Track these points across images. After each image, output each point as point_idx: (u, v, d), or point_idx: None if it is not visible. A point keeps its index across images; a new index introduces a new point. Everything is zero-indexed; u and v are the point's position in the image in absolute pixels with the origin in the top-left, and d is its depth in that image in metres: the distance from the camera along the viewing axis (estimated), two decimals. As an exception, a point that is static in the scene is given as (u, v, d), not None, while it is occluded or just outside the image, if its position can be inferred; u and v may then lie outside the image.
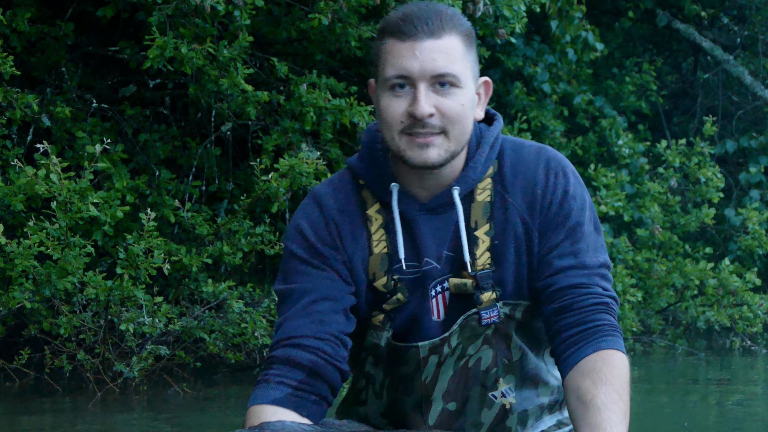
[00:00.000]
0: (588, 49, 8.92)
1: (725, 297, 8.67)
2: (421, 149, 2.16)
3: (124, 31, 7.41)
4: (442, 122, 2.15)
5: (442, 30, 2.12)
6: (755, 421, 6.00)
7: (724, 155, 10.73)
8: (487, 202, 2.25)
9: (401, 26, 2.13)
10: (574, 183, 2.30)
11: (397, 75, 2.14)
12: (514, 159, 2.29)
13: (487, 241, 2.24)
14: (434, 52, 2.11)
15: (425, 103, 2.12)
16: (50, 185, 5.36)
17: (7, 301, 5.48)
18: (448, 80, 2.13)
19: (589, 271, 2.24)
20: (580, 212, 2.28)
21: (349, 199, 2.31)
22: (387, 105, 2.16)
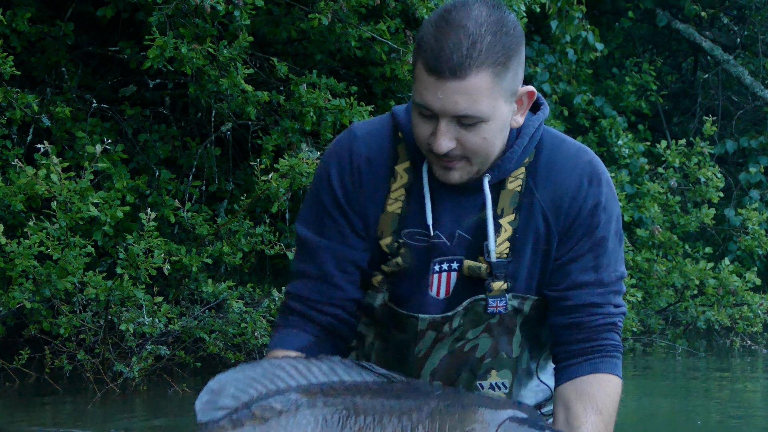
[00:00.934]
0: (588, 49, 8.92)
1: (725, 297, 8.66)
2: (444, 170, 2.17)
3: (124, 31, 7.41)
4: (463, 152, 2.13)
5: (470, 68, 2.02)
6: (756, 421, 6.00)
7: (724, 155, 10.74)
8: (517, 191, 2.23)
9: (430, 58, 2.04)
10: (607, 193, 2.29)
11: (422, 105, 2.10)
12: (551, 154, 2.27)
13: (509, 231, 2.22)
14: (457, 94, 2.04)
15: (443, 140, 2.09)
16: (50, 185, 5.36)
17: (7, 301, 5.48)
18: (470, 121, 2.08)
19: (606, 288, 2.25)
20: (608, 225, 2.27)
21: (382, 149, 2.29)
22: (416, 123, 2.14)
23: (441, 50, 2.03)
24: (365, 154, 2.27)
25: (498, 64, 2.05)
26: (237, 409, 1.95)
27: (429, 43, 2.06)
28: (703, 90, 11.96)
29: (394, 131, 2.29)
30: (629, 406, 6.65)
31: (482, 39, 2.03)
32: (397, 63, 6.92)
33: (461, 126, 2.09)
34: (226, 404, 1.96)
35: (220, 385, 1.98)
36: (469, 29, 2.03)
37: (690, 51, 12.49)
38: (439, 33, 2.05)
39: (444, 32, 2.04)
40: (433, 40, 2.05)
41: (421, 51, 2.08)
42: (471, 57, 2.02)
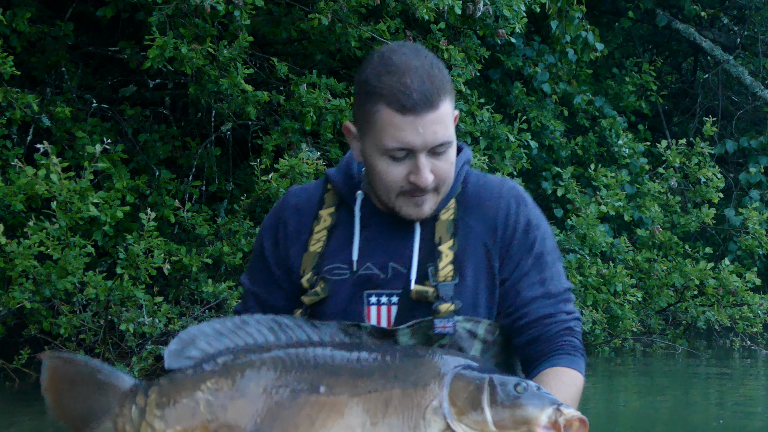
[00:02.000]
0: (588, 49, 8.92)
1: (725, 297, 8.66)
2: (417, 207, 2.25)
3: (124, 31, 7.41)
4: (436, 183, 2.24)
5: (438, 98, 2.15)
6: (756, 421, 6.00)
7: (724, 155, 10.73)
8: (451, 220, 2.33)
9: (400, 99, 2.13)
10: (535, 213, 2.38)
11: (400, 148, 2.19)
12: (477, 186, 2.37)
13: (450, 255, 2.30)
14: (434, 124, 2.16)
15: (427, 173, 2.20)
16: (50, 185, 5.36)
17: (7, 301, 5.48)
18: (444, 148, 2.20)
19: (555, 299, 2.33)
20: (543, 242, 2.36)
21: (311, 198, 2.41)
22: (386, 170, 2.22)
23: (409, 89, 2.13)
24: (294, 203, 2.41)
25: (451, 91, 2.21)
26: (202, 360, 2.06)
27: (391, 88, 2.14)
28: (703, 90, 11.96)
29: (324, 185, 2.42)
30: (629, 405, 6.65)
31: (433, 72, 2.16)
32: (397, 63, 6.91)
33: (434, 156, 2.20)
34: (194, 355, 2.07)
35: (189, 336, 2.08)
36: (420, 67, 2.15)
37: (690, 51, 12.49)
38: (396, 77, 2.14)
39: (400, 75, 2.14)
40: (394, 84, 2.14)
41: (383, 97, 2.15)
42: (435, 88, 2.15)
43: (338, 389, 2.04)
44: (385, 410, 2.04)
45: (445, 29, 7.44)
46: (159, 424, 2.02)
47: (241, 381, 2.04)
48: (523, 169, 8.26)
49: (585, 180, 9.16)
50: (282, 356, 2.07)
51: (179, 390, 2.03)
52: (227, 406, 2.03)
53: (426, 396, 2.05)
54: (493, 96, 9.31)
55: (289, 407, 2.03)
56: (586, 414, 2.04)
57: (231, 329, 2.09)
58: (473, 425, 2.03)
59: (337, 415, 2.03)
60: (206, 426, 2.03)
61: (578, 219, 8.16)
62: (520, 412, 2.03)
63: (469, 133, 7.81)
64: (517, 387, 2.05)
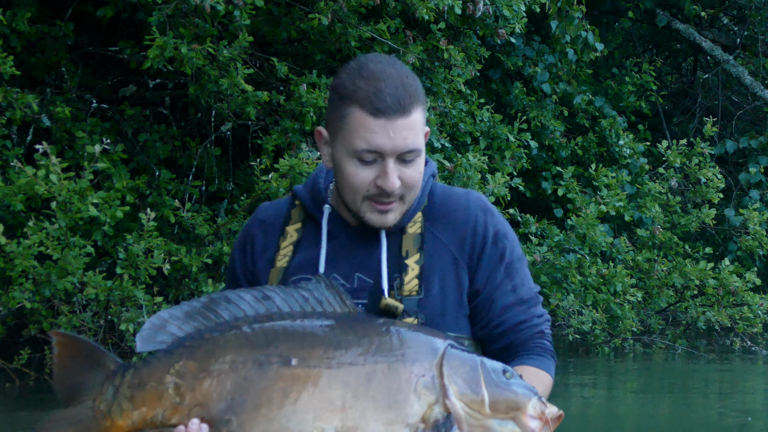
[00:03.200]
0: (588, 49, 8.92)
1: (725, 297, 8.66)
2: (381, 215, 2.28)
3: (124, 31, 7.41)
4: (403, 191, 2.26)
5: (411, 106, 2.19)
6: (756, 421, 6.01)
7: (724, 155, 10.74)
8: (418, 234, 2.36)
9: (373, 101, 2.17)
10: (502, 221, 2.42)
11: (369, 150, 2.20)
12: (443, 199, 2.40)
13: (416, 269, 2.32)
14: (405, 130, 2.19)
15: (394, 178, 2.22)
16: (50, 185, 5.36)
17: (7, 301, 5.48)
18: (413, 155, 2.23)
19: (527, 305, 2.39)
20: (513, 249, 2.40)
21: (278, 213, 2.45)
22: (354, 172, 2.24)
23: (383, 94, 2.17)
24: (262, 218, 2.46)
25: (423, 103, 2.25)
26: (172, 343, 2.11)
27: (365, 91, 2.18)
28: (703, 90, 11.96)
29: (292, 201, 2.46)
30: (629, 405, 6.65)
31: (407, 81, 2.21)
32: (397, 63, 6.91)
33: (402, 163, 2.22)
34: (164, 339, 2.12)
35: (160, 320, 2.13)
36: (394, 75, 2.20)
37: (690, 51, 12.49)
38: (371, 82, 2.19)
39: (375, 80, 2.19)
40: (369, 88, 2.18)
41: (356, 100, 2.18)
42: (409, 95, 2.19)
43: (313, 361, 2.04)
44: (367, 384, 2.04)
45: (445, 29, 7.44)
46: (127, 405, 2.07)
47: (207, 361, 2.06)
48: (523, 169, 8.26)
49: (585, 180, 9.16)
50: (248, 331, 2.08)
51: (150, 373, 2.08)
52: (195, 387, 2.05)
53: (416, 371, 2.06)
54: (493, 96, 9.32)
55: (260, 382, 2.03)
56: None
57: (200, 310, 2.12)
58: (470, 404, 2.06)
59: (313, 388, 2.02)
60: (176, 407, 2.05)
61: (578, 219, 8.16)
62: (513, 398, 2.07)
63: (469, 133, 7.81)
64: (506, 373, 2.10)
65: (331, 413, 2.02)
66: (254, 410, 2.02)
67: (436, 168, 2.45)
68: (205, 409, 2.04)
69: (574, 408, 6.42)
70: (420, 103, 2.23)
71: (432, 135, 7.02)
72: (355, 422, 2.02)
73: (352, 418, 2.02)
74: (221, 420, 2.03)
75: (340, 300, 2.15)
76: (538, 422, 2.08)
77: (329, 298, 2.16)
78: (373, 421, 2.03)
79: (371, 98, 2.17)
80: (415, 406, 2.05)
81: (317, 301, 2.14)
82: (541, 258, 7.91)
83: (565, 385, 7.27)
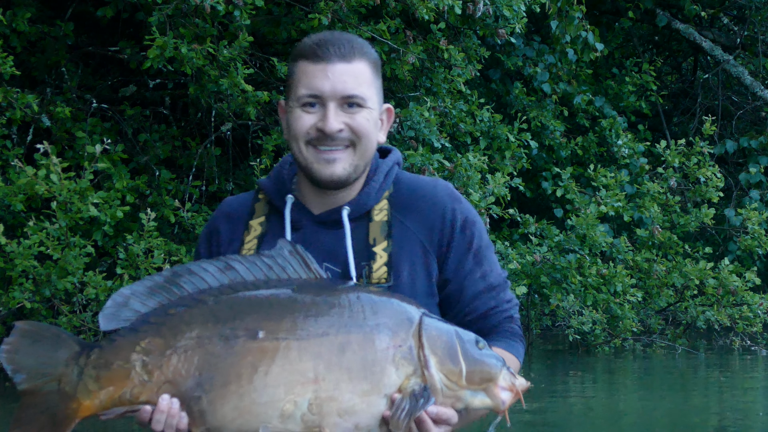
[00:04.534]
0: (588, 49, 8.92)
1: (725, 297, 8.67)
2: (328, 164, 2.27)
3: (124, 31, 7.41)
4: (351, 136, 2.26)
5: (353, 55, 2.24)
6: (756, 421, 6.01)
7: (724, 155, 10.74)
8: (385, 221, 2.36)
9: (315, 50, 2.24)
10: (469, 209, 2.42)
11: (309, 94, 2.24)
12: (410, 186, 2.40)
13: (384, 257, 2.32)
14: (345, 74, 2.23)
15: (335, 120, 2.22)
16: (50, 185, 5.36)
17: (7, 301, 5.48)
18: (356, 101, 2.24)
19: (496, 291, 2.39)
20: (481, 236, 2.41)
21: (243, 206, 2.43)
22: (297, 118, 2.26)
23: (325, 43, 2.25)
24: (226, 211, 2.44)
25: (374, 63, 2.29)
26: (136, 321, 2.06)
27: (309, 45, 2.26)
28: (703, 90, 11.96)
29: (256, 195, 2.45)
30: (629, 405, 6.65)
31: (355, 41, 2.28)
32: (397, 63, 6.92)
33: (346, 111, 2.24)
34: (128, 316, 2.08)
35: (123, 297, 2.09)
36: (342, 35, 2.30)
37: (690, 51, 12.49)
38: (320, 36, 2.28)
39: (321, 38, 2.28)
40: (313, 42, 2.26)
41: (301, 54, 2.27)
42: (353, 47, 2.26)
43: (281, 333, 2.01)
44: (341, 355, 2.01)
45: (445, 29, 7.44)
46: (94, 386, 2.04)
47: (173, 337, 2.03)
48: (523, 169, 8.26)
49: (585, 180, 9.16)
50: (213, 304, 2.05)
51: (116, 352, 2.05)
52: (162, 364, 2.02)
53: (393, 342, 2.04)
54: (493, 96, 9.32)
55: (227, 357, 2.00)
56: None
57: (163, 284, 2.09)
58: (449, 376, 2.05)
59: (283, 361, 1.99)
60: (144, 385, 2.03)
61: (578, 219, 8.16)
62: (487, 369, 2.07)
63: (469, 133, 7.81)
64: (479, 343, 2.10)
65: (303, 386, 1.99)
66: (223, 387, 1.99)
67: (400, 156, 2.45)
68: (174, 387, 2.02)
69: (575, 408, 6.42)
70: (366, 59, 2.26)
71: (432, 135, 7.02)
72: (329, 394, 1.99)
73: (325, 389, 1.99)
74: (191, 397, 2.01)
75: (304, 265, 2.12)
76: (509, 393, 2.09)
77: (293, 264, 2.13)
78: (348, 393, 2.00)
79: (314, 48, 2.23)
80: (393, 377, 2.02)
81: (281, 268, 2.11)
82: (541, 258, 7.91)
83: (566, 383, 7.27)
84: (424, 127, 6.98)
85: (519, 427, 5.81)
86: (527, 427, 5.81)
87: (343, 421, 1.99)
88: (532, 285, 8.04)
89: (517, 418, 5.98)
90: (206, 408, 2.00)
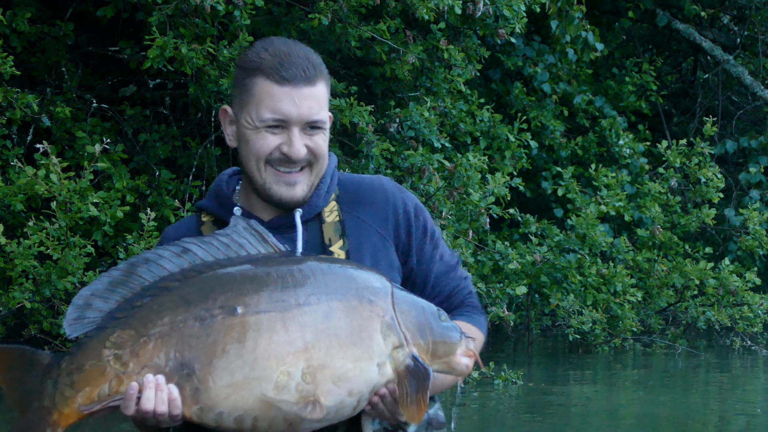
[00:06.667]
0: (588, 49, 8.92)
1: (725, 297, 8.66)
2: (288, 186, 2.27)
3: (124, 31, 7.41)
4: (310, 157, 2.26)
5: (316, 77, 2.22)
6: (755, 421, 6.01)
7: (724, 155, 10.73)
8: (337, 221, 2.36)
9: (279, 70, 2.20)
10: (414, 197, 2.47)
11: (275, 119, 2.21)
12: (354, 184, 2.42)
13: (342, 255, 2.33)
14: (310, 99, 2.21)
15: (299, 145, 2.22)
16: (50, 185, 5.36)
17: (7, 301, 5.48)
18: (318, 125, 2.24)
19: (454, 271, 2.45)
20: (430, 220, 2.46)
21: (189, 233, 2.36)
22: (260, 138, 2.24)
23: (289, 64, 2.20)
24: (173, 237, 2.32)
25: (327, 81, 2.29)
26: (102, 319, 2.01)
27: (271, 62, 2.21)
28: (703, 90, 11.95)
29: (198, 219, 2.40)
30: (629, 405, 6.65)
31: (312, 57, 2.25)
32: (397, 63, 6.92)
33: (308, 133, 2.24)
34: (93, 317, 2.03)
35: (83, 300, 2.03)
36: (299, 49, 2.25)
37: (690, 51, 12.49)
38: (277, 54, 2.22)
39: (280, 53, 2.22)
40: (274, 59, 2.21)
41: (262, 71, 2.21)
42: (314, 68, 2.23)
43: (261, 307, 1.99)
44: (326, 322, 2.00)
45: (445, 29, 7.44)
46: (70, 392, 2.00)
47: (143, 327, 1.99)
48: (523, 169, 8.26)
49: (585, 180, 9.15)
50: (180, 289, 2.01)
51: (86, 354, 2.00)
52: (138, 352, 1.98)
53: (375, 311, 2.04)
54: (493, 96, 9.31)
55: (208, 336, 1.97)
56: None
57: (121, 278, 2.04)
58: (419, 351, 2.05)
59: (269, 333, 1.97)
60: (121, 377, 1.98)
61: (578, 219, 8.16)
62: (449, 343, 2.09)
63: (469, 133, 7.81)
64: (441, 316, 2.11)
65: (294, 355, 1.97)
66: (210, 365, 1.96)
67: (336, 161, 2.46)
68: (155, 369, 1.98)
69: (575, 407, 6.42)
70: (324, 79, 2.25)
71: (432, 135, 7.02)
72: (321, 361, 1.98)
73: (317, 357, 1.98)
74: (179, 377, 1.97)
75: (261, 240, 2.10)
76: (468, 358, 2.11)
77: (250, 240, 2.10)
78: (339, 359, 1.99)
79: (277, 67, 2.20)
80: (381, 345, 2.02)
81: (238, 245, 2.09)
82: (541, 258, 7.91)
83: (566, 383, 7.27)
84: (424, 127, 6.98)
85: (519, 427, 5.81)
86: (527, 427, 5.81)
87: (337, 387, 1.99)
88: (532, 285, 8.04)
89: (516, 418, 5.99)
90: (198, 386, 1.97)
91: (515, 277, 7.58)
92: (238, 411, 1.97)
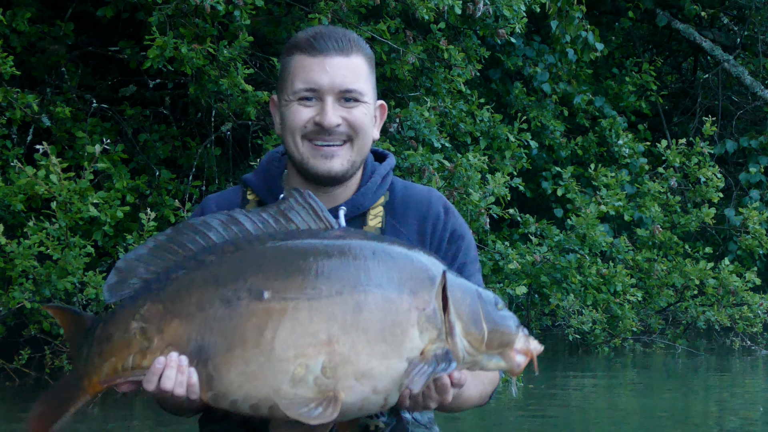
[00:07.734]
0: (588, 49, 8.92)
1: (725, 297, 8.67)
2: (325, 159, 2.21)
3: (124, 31, 7.41)
4: (349, 130, 2.21)
5: (351, 49, 2.20)
6: (756, 421, 6.01)
7: (724, 155, 10.74)
8: (378, 227, 2.31)
9: (312, 43, 2.20)
10: (461, 223, 2.38)
11: (307, 88, 2.19)
12: (404, 193, 2.36)
13: None
14: (343, 68, 2.19)
15: (333, 114, 2.18)
16: (50, 185, 5.36)
17: (7, 301, 5.48)
18: (354, 96, 2.20)
19: None
20: (467, 252, 2.36)
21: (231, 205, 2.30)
22: (294, 112, 2.21)
23: (322, 36, 2.20)
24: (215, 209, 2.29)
25: (369, 58, 2.25)
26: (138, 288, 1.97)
27: (305, 38, 2.21)
28: (703, 90, 11.96)
29: (243, 195, 2.35)
30: (629, 405, 6.65)
31: (351, 35, 2.24)
32: (397, 63, 6.92)
33: (344, 105, 2.20)
34: (132, 283, 1.98)
35: (127, 265, 1.98)
36: (337, 29, 2.26)
37: (690, 51, 12.49)
38: (316, 30, 2.24)
39: (316, 31, 2.24)
40: (309, 35, 2.22)
41: (298, 47, 2.21)
42: (350, 41, 2.21)
43: (290, 293, 1.89)
44: (357, 315, 1.89)
45: (445, 29, 7.44)
46: (98, 361, 1.97)
47: (172, 303, 1.93)
48: (523, 169, 8.26)
49: (585, 180, 9.16)
50: (215, 266, 1.93)
51: (116, 324, 1.96)
52: (163, 329, 1.93)
53: (415, 303, 1.92)
54: (493, 96, 9.32)
55: (230, 320, 1.89)
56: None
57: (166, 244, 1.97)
58: (473, 342, 1.96)
59: (292, 323, 1.87)
60: (145, 352, 1.94)
61: (578, 219, 8.16)
62: (506, 333, 1.98)
63: (469, 133, 7.81)
64: (498, 304, 2.01)
65: (315, 348, 1.86)
66: (228, 351, 1.89)
67: (394, 162, 2.42)
68: (179, 349, 1.92)
69: (575, 407, 6.42)
70: (363, 54, 2.23)
71: (432, 135, 7.01)
72: (344, 357, 1.87)
73: (340, 352, 1.87)
74: (197, 361, 1.91)
75: (314, 215, 2.00)
76: (524, 357, 2.00)
77: (302, 214, 2.00)
78: (365, 355, 1.88)
79: (310, 41, 2.19)
80: (416, 341, 1.90)
81: (288, 219, 1.98)
82: (541, 258, 7.91)
83: (566, 383, 7.27)
84: (424, 127, 6.97)
85: (519, 426, 5.81)
86: (527, 427, 5.81)
87: (359, 384, 1.88)
88: (532, 285, 8.04)
89: (517, 418, 5.99)
90: (213, 373, 1.91)
91: (515, 277, 7.58)
92: (252, 400, 1.90)
